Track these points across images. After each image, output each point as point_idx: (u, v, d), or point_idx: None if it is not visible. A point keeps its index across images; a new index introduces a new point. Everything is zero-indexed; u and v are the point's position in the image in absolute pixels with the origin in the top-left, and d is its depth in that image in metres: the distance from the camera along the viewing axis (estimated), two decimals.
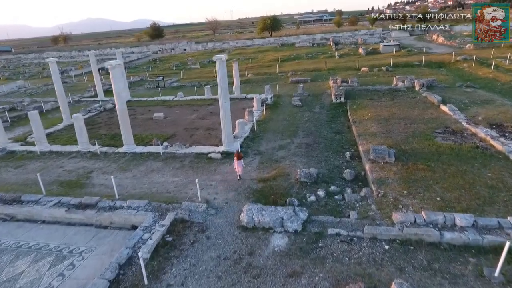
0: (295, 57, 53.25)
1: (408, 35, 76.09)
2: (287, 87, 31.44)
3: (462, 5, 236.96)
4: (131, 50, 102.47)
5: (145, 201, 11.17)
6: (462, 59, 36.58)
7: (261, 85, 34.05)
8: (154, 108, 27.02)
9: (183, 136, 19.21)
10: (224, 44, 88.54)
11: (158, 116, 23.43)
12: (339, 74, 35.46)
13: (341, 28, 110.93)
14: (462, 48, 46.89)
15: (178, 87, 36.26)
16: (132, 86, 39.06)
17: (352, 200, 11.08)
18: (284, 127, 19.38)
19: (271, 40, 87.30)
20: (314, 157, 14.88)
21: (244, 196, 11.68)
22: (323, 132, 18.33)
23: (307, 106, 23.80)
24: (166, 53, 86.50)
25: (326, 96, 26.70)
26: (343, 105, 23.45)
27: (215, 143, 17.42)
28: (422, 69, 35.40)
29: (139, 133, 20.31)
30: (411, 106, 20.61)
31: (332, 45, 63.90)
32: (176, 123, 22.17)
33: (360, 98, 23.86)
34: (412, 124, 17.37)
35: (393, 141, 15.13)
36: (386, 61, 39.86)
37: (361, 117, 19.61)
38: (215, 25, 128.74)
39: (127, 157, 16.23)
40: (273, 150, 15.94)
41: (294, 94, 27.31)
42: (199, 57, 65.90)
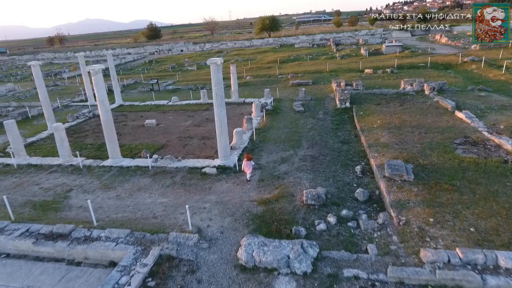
0: (295, 58, 51.69)
1: (410, 35, 74.71)
2: (287, 91, 29.87)
3: (461, 5, 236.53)
4: (127, 51, 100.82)
5: (126, 231, 9.54)
6: (470, 60, 35.09)
7: (260, 88, 32.48)
8: (147, 113, 25.38)
9: (175, 146, 17.58)
10: (222, 45, 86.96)
11: (150, 123, 21.79)
12: (341, 76, 33.91)
13: (340, 28, 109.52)
14: (468, 48, 45.47)
15: (173, 90, 34.62)
16: (126, 89, 37.44)
17: (368, 229, 9.48)
18: (286, 136, 17.77)
19: (270, 40, 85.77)
20: (320, 173, 13.28)
21: (243, 223, 10.06)
22: (329, 142, 16.74)
23: (310, 112, 22.21)
24: (162, 54, 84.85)
25: (329, 100, 25.12)
26: (349, 110, 21.89)
27: (210, 155, 15.80)
28: (428, 71, 33.88)
29: (128, 142, 18.69)
30: (423, 113, 19.04)
31: (333, 46, 62.41)
32: (169, 131, 20.54)
33: (366, 103, 22.30)
34: (427, 133, 15.79)
35: (409, 154, 13.54)
36: (390, 63, 38.33)
37: (370, 124, 18.04)
38: (213, 26, 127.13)
39: (112, 172, 14.58)
40: (274, 164, 14.32)
41: (295, 99, 25.73)
42: (196, 58, 64.27)
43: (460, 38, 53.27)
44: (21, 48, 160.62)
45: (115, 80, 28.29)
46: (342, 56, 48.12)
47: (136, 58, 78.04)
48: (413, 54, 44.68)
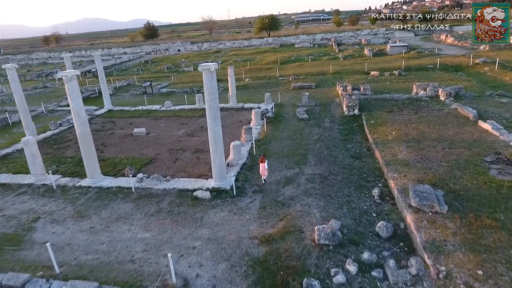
0: (296, 58, 49.71)
1: (413, 35, 72.84)
2: (289, 94, 27.89)
3: (460, 5, 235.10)
4: (123, 51, 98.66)
5: (93, 285, 7.55)
6: (482, 62, 33.17)
7: (260, 91, 30.50)
8: (137, 120, 23.36)
9: (165, 161, 15.58)
10: (220, 44, 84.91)
11: (139, 132, 19.78)
12: (346, 79, 31.95)
13: (341, 28, 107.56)
14: (476, 49, 43.56)
15: (167, 93, 32.58)
16: (117, 92, 35.40)
17: (399, 282, 7.51)
18: (290, 150, 15.79)
19: (269, 40, 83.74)
20: (332, 198, 11.32)
21: (240, 271, 8.08)
22: (338, 157, 14.77)
23: (315, 120, 20.23)
24: (159, 54, 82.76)
25: (335, 106, 23.15)
26: (357, 118, 19.94)
27: (204, 172, 13.81)
28: (438, 73, 31.97)
29: (113, 156, 16.68)
30: (442, 122, 17.09)
31: (334, 46, 60.47)
32: (160, 141, 18.53)
33: (376, 110, 20.34)
34: (451, 148, 13.83)
35: (435, 175, 11.58)
36: (396, 64, 36.39)
37: (383, 136, 16.08)
38: (211, 25, 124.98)
39: (89, 195, 12.58)
40: (277, 186, 12.34)
41: (298, 104, 23.75)
42: (194, 59, 62.25)
43: (466, 38, 51.35)
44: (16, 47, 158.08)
45: (104, 83, 26.27)
46: (345, 57, 46.17)
47: (132, 58, 75.93)
48: (419, 55, 42.77)
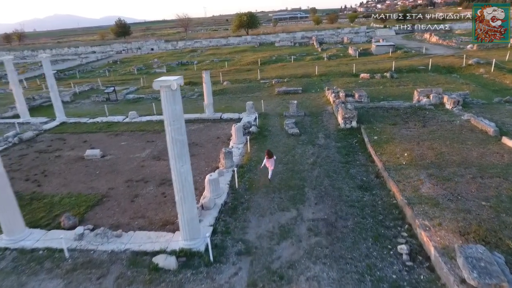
0: (277, 58, 46.63)
1: (394, 33, 71.62)
2: (274, 101, 24.68)
3: (433, 4, 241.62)
4: (92, 50, 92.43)
5: None
6: (475, 62, 31.30)
7: (240, 97, 27.15)
8: (94, 136, 19.43)
9: (120, 200, 11.95)
10: (196, 43, 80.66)
11: (92, 155, 15.95)
12: (334, 82, 29.15)
13: (321, 26, 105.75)
14: (463, 48, 42.09)
15: (134, 100, 28.58)
16: (77, 98, 31.01)
17: None
18: (282, 179, 12.56)
19: (248, 38, 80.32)
20: (347, 262, 8.17)
21: None
22: (343, 189, 11.69)
23: (307, 135, 17.11)
24: (131, 53, 77.61)
25: (327, 116, 20.15)
26: (356, 132, 17.01)
27: (170, 219, 10.34)
28: (431, 75, 29.78)
29: (52, 192, 12.84)
30: (459, 139, 14.39)
31: (316, 45, 57.98)
32: (117, 167, 14.81)
33: (377, 122, 17.49)
34: (483, 177, 11.04)
35: (479, 222, 8.68)
36: (386, 65, 34.02)
37: (394, 158, 13.16)
38: (187, 23, 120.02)
39: (3, 264, 8.82)
40: (270, 242, 9.06)
41: (285, 114, 20.59)
42: (167, 58, 57.95)
43: (452, 37, 50.07)
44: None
45: (55, 91, 22.02)
46: (329, 57, 43.55)
47: (100, 58, 70.49)
48: (406, 54, 40.75)
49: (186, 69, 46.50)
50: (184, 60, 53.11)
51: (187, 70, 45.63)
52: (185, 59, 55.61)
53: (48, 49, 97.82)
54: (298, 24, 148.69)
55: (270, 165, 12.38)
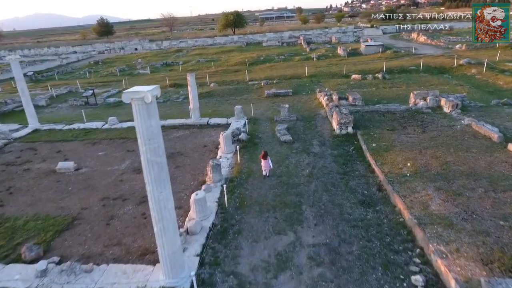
0: (265, 59, 45.46)
1: (382, 33, 71.52)
2: (263, 104, 23.49)
3: (416, 4, 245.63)
4: (73, 50, 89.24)
5: None
6: (466, 63, 30.88)
7: (228, 99, 25.87)
8: (69, 145, 17.82)
9: (93, 222, 10.52)
10: (182, 42, 78.74)
11: (65, 168, 14.41)
12: (325, 84, 28.19)
13: (308, 25, 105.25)
14: (452, 48, 41.90)
15: (115, 104, 26.90)
16: (54, 102, 29.11)
17: None
18: (276, 195, 11.37)
19: (234, 38, 78.92)
20: None
21: None
22: (344, 206, 10.59)
23: (301, 142, 15.98)
24: (114, 53, 75.11)
25: (321, 120, 19.08)
26: (352, 138, 15.99)
27: (151, 248, 8.97)
28: (422, 75, 29.15)
29: (16, 213, 11.29)
30: (463, 146, 13.51)
31: (304, 45, 57.09)
32: (92, 182, 13.34)
33: (374, 127, 16.52)
34: (496, 191, 10.11)
35: (501, 248, 7.70)
36: (376, 66, 33.28)
37: (396, 168, 12.16)
38: (172, 22, 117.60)
39: None
40: (266, 277, 7.85)
41: (276, 118, 19.43)
42: (152, 59, 56.05)
43: (440, 37, 49.95)
44: None
45: (26, 95, 20.24)
46: (318, 57, 42.64)
47: (81, 58, 67.87)
48: (396, 55, 40.21)
49: (171, 70, 44.83)
50: (169, 61, 51.33)
51: (172, 71, 43.98)
52: (170, 59, 53.82)
53: (27, 49, 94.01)
54: (285, 23, 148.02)
55: (265, 166, 12.35)
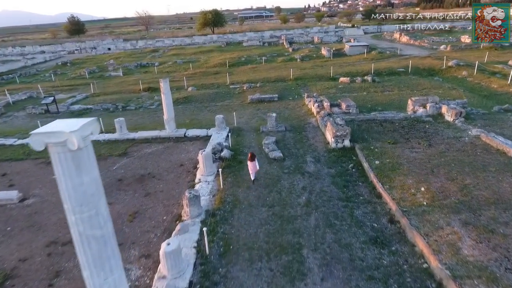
0: (246, 60, 43.28)
1: (363, 33, 70.87)
2: (247, 112, 21.33)
3: (392, 4, 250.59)
4: (41, 49, 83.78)
5: None
6: (455, 64, 29.88)
7: (208, 106, 23.54)
8: (18, 165, 15.00)
9: (31, 284, 8.02)
10: (158, 42, 75.29)
11: (5, 199, 11.70)
12: (312, 87, 26.36)
13: (289, 25, 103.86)
14: (436, 49, 41.20)
15: (80, 112, 23.96)
16: (9, 110, 25.82)
17: None
18: (269, 234, 9.22)
19: (214, 37, 76.26)
20: None
21: None
22: (353, 246, 8.60)
23: (293, 159, 13.92)
24: (85, 53, 70.77)
25: (312, 131, 17.11)
26: (350, 152, 14.10)
27: None
28: (412, 78, 27.86)
29: None
30: (477, 164, 11.84)
31: (286, 45, 55.32)
32: (39, 219, 10.75)
33: (373, 139, 14.70)
34: None
35: None
36: (363, 67, 31.84)
37: (409, 195, 10.30)
38: (148, 20, 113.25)
39: None
40: None
41: (263, 129, 17.31)
42: (125, 60, 52.66)
43: (422, 37, 49.37)
44: None
45: None
46: (302, 58, 40.87)
47: (49, 59, 63.27)
48: (382, 56, 38.99)
49: (146, 71, 41.84)
50: (144, 62, 48.17)
51: (147, 73, 41.04)
52: (145, 60, 50.65)
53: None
54: (265, 23, 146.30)
55: (252, 169, 11.62)
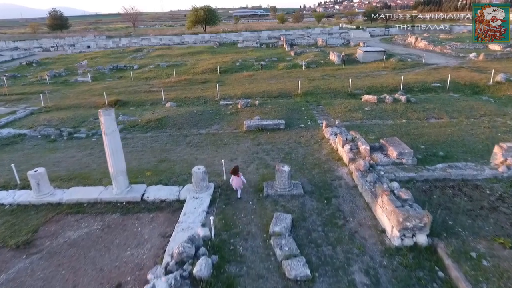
0: (242, 65, 36.65)
1: (369, 35, 64.78)
2: (242, 149, 14.72)
3: (388, 6, 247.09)
4: (14, 45, 75.90)
5: None
6: (504, 79, 23.79)
7: (188, 135, 16.93)
8: None
9: None
10: (144, 40, 68.19)
11: None
12: (328, 108, 19.96)
13: (288, 25, 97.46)
14: (465, 57, 35.07)
15: (8, 141, 17.02)
16: None
17: None
18: None
19: (206, 37, 69.47)
20: None
21: None
22: None
23: (329, 276, 7.39)
24: (61, 51, 63.44)
25: (346, 195, 10.57)
26: (429, 259, 7.66)
27: None
28: (454, 97, 21.71)
29: None
30: None
31: (287, 47, 48.93)
32: None
33: (466, 229, 8.30)
34: None
35: None
36: (388, 80, 25.58)
37: None
38: (135, 17, 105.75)
39: None
40: None
41: (267, 191, 10.72)
42: (101, 60, 45.62)
43: (441, 42, 43.34)
44: None
45: None
46: (308, 65, 34.40)
47: (16, 57, 55.79)
48: (404, 64, 32.71)
49: (121, 76, 34.93)
50: (121, 64, 41.21)
51: (122, 78, 34.17)
52: (123, 61, 43.68)
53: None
54: (261, 22, 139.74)
55: (238, 184, 10.33)
